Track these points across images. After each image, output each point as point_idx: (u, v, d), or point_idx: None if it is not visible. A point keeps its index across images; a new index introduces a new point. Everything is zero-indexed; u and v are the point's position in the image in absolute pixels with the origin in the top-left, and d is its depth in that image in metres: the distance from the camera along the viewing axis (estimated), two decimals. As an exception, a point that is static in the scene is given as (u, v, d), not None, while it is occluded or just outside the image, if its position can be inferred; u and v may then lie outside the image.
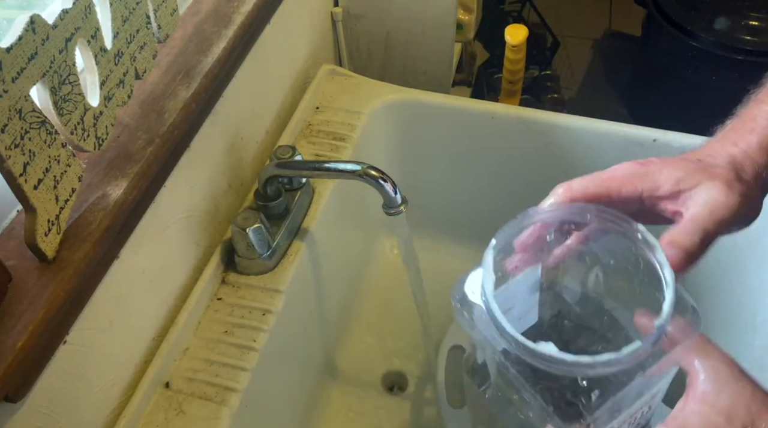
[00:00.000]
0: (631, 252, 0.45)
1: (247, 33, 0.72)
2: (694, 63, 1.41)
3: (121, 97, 0.56)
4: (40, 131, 0.46)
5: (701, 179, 0.46)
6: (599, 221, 0.46)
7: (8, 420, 0.47)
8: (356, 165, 0.67)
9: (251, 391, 0.65)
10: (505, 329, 0.40)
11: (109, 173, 0.55)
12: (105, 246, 0.53)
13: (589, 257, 0.48)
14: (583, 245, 0.48)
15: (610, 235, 0.46)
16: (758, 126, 0.48)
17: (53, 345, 0.50)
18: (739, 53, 1.34)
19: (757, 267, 0.80)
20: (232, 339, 0.67)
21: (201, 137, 0.67)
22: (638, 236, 0.44)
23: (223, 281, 0.73)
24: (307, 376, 0.85)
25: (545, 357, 0.38)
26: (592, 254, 0.48)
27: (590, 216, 0.46)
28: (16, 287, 0.48)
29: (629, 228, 0.44)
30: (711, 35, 1.36)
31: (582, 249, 0.48)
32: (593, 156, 0.90)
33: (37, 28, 0.44)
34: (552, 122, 0.89)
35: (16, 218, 0.52)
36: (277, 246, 0.73)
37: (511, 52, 1.21)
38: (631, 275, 0.46)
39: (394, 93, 0.93)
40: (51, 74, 0.46)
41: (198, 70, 0.64)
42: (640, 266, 0.45)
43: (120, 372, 0.61)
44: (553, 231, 0.48)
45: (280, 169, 0.71)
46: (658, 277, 0.42)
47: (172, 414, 0.62)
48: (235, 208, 0.78)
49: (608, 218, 0.45)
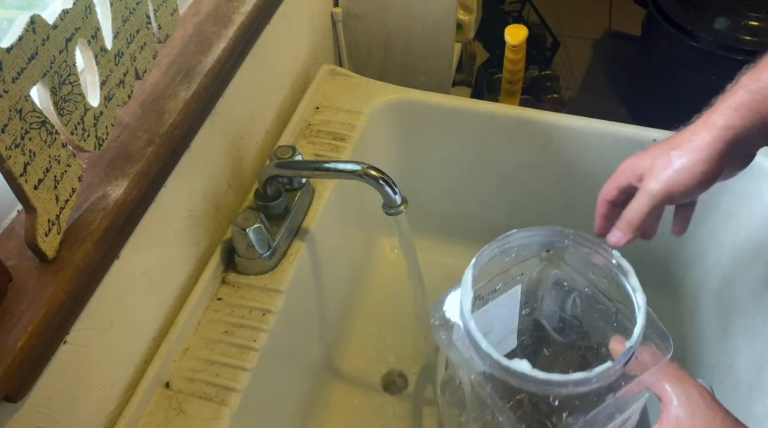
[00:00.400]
0: (606, 277, 0.46)
1: (247, 33, 0.72)
2: (694, 63, 1.41)
3: (121, 98, 0.56)
4: (40, 131, 0.46)
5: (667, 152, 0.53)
6: (576, 246, 0.46)
7: (8, 420, 0.47)
8: (356, 165, 0.67)
9: (251, 391, 0.65)
10: (480, 345, 0.40)
11: (109, 173, 0.55)
12: (105, 246, 0.53)
13: (567, 282, 0.49)
14: (561, 271, 0.49)
15: (587, 259, 0.47)
16: (734, 95, 0.52)
17: (53, 345, 0.50)
18: (739, 53, 1.34)
19: (757, 268, 0.80)
20: (232, 339, 0.67)
21: (201, 137, 0.67)
22: (613, 261, 0.45)
23: (223, 281, 0.73)
24: (307, 376, 0.85)
25: (518, 374, 0.39)
26: (571, 278, 0.49)
27: (567, 241, 0.47)
28: (17, 287, 0.48)
29: (604, 253, 0.45)
30: (711, 35, 1.36)
31: (560, 274, 0.49)
32: (593, 156, 0.90)
33: (38, 29, 0.44)
34: (552, 122, 0.89)
35: (17, 218, 0.52)
36: (277, 246, 0.73)
37: (511, 52, 1.21)
38: (606, 301, 0.47)
39: (394, 93, 0.93)
40: (51, 74, 0.46)
41: (198, 70, 0.64)
42: (615, 292, 0.46)
43: (120, 372, 0.61)
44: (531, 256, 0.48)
45: (280, 169, 0.71)
46: (632, 302, 0.43)
47: (172, 414, 0.62)
48: (235, 208, 0.78)
49: (584, 243, 0.46)
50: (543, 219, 0.97)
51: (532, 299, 0.50)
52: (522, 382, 0.39)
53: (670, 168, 0.52)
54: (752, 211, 0.83)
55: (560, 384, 0.39)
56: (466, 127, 0.93)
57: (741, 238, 0.85)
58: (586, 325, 0.50)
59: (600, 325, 0.49)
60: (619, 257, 0.44)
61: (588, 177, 0.92)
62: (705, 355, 0.85)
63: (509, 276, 0.48)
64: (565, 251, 0.48)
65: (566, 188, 0.95)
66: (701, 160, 0.51)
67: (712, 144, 0.51)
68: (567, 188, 0.95)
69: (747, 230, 0.84)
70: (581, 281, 0.48)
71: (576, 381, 0.39)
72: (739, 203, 0.85)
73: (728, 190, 0.86)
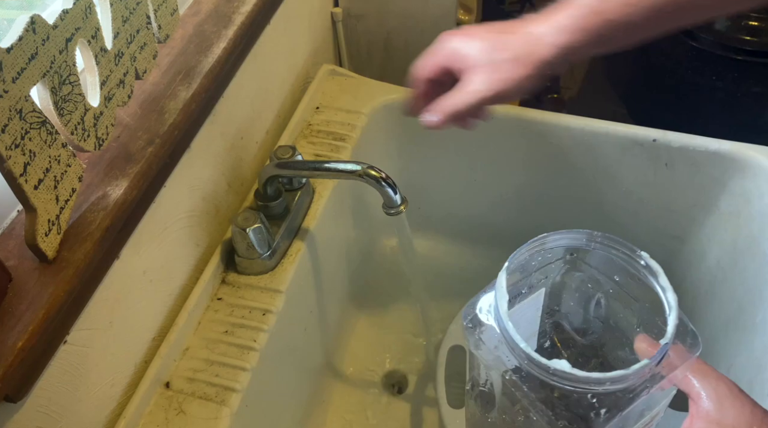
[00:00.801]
0: (632, 278, 0.46)
1: (247, 33, 0.72)
2: (694, 63, 1.41)
3: (121, 98, 0.56)
4: (40, 131, 0.46)
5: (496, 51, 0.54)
6: (603, 248, 0.47)
7: (8, 420, 0.47)
8: (356, 165, 0.67)
9: (251, 391, 0.65)
10: (519, 345, 0.41)
11: (109, 173, 0.55)
12: (105, 246, 0.53)
13: (591, 284, 0.50)
14: (584, 273, 0.49)
15: (613, 261, 0.47)
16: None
17: (53, 345, 0.50)
18: (739, 53, 1.33)
19: (757, 268, 0.80)
20: (232, 339, 0.67)
21: (201, 137, 0.67)
22: (641, 263, 0.45)
23: (223, 281, 0.73)
24: (307, 376, 0.85)
25: (558, 372, 0.40)
26: (595, 280, 0.49)
27: (594, 243, 0.47)
28: (17, 287, 0.48)
29: (632, 255, 0.46)
30: (711, 35, 1.36)
31: (583, 277, 0.50)
32: (593, 156, 0.90)
33: (38, 29, 0.44)
34: (552, 122, 0.89)
35: (17, 218, 0.52)
36: (277, 246, 0.73)
37: (511, 52, 1.21)
38: (632, 302, 0.47)
39: (394, 93, 0.93)
40: (51, 74, 0.46)
41: (198, 70, 0.64)
42: (641, 292, 0.46)
43: (120, 372, 0.61)
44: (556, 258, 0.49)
45: (280, 169, 0.71)
46: (659, 302, 0.44)
47: (172, 414, 0.62)
48: (235, 208, 0.78)
49: (612, 245, 0.47)
50: (543, 219, 0.97)
51: (554, 302, 0.51)
52: (562, 381, 0.40)
53: (499, 74, 0.53)
54: (752, 211, 0.83)
55: (599, 381, 0.40)
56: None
57: (741, 238, 0.85)
58: (608, 326, 0.50)
59: (623, 326, 0.49)
60: (648, 258, 0.45)
61: (588, 177, 0.92)
62: (705, 355, 0.85)
63: (534, 279, 0.49)
64: (589, 253, 0.49)
65: (566, 187, 0.95)
66: (531, 75, 0.53)
67: (545, 61, 0.52)
68: (567, 188, 0.95)
69: (747, 230, 0.84)
70: (605, 282, 0.49)
71: (615, 378, 0.40)
72: (739, 203, 0.85)
73: (728, 190, 0.86)
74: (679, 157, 0.86)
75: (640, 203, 0.92)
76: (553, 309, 0.52)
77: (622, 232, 0.48)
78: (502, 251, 0.48)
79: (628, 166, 0.89)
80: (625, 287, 0.48)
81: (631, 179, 0.90)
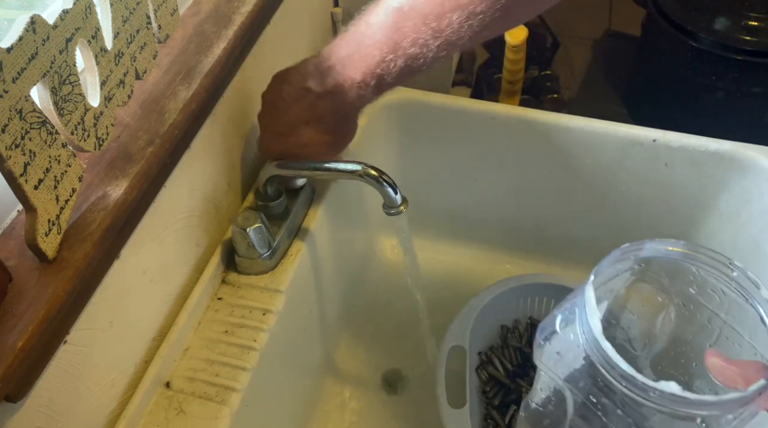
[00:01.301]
0: (714, 290, 0.44)
1: (247, 33, 0.72)
2: (694, 63, 1.41)
3: (121, 98, 0.56)
4: (40, 131, 0.46)
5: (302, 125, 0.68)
6: (690, 259, 0.45)
7: (8, 420, 0.47)
8: (356, 165, 0.67)
9: (251, 391, 0.65)
10: (620, 366, 0.38)
11: (109, 173, 0.55)
12: (105, 246, 0.53)
13: (662, 297, 0.47)
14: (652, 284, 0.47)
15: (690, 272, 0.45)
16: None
17: (53, 345, 0.50)
18: (739, 53, 1.33)
19: (757, 268, 0.80)
20: (232, 339, 0.67)
21: (201, 137, 0.67)
22: (733, 274, 0.43)
23: (223, 281, 0.73)
24: (307, 376, 0.85)
25: (666, 395, 0.37)
26: (668, 292, 0.47)
27: (682, 255, 0.45)
28: (17, 287, 0.48)
29: (724, 267, 0.43)
30: (711, 35, 1.36)
31: (651, 288, 0.47)
32: (593, 156, 0.90)
33: (38, 29, 0.44)
34: (552, 122, 0.89)
35: (17, 218, 0.52)
36: (278, 246, 0.73)
37: (511, 53, 1.21)
38: (711, 315, 0.45)
39: (394, 93, 0.92)
40: (51, 74, 0.46)
41: (198, 70, 0.64)
42: (724, 305, 0.44)
43: (120, 372, 0.61)
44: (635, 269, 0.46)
45: (280, 169, 0.71)
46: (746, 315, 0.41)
47: (172, 413, 0.62)
48: (235, 208, 0.78)
49: (701, 258, 0.44)
50: (543, 219, 0.97)
51: (612, 315, 0.48)
52: (672, 405, 0.37)
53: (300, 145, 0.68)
54: (752, 211, 0.83)
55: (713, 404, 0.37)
56: (466, 127, 0.93)
57: (741, 238, 0.85)
58: (675, 340, 0.48)
59: (693, 339, 0.47)
60: (744, 270, 0.43)
61: (588, 177, 0.92)
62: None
63: (600, 293, 0.45)
64: (660, 263, 0.46)
65: (566, 187, 0.95)
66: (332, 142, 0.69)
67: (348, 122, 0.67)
68: (567, 188, 0.95)
69: (747, 230, 0.84)
70: (676, 294, 0.46)
71: (729, 401, 0.37)
72: (739, 203, 0.85)
73: (728, 190, 0.86)
74: (679, 157, 0.86)
75: (639, 203, 0.92)
76: (609, 323, 0.49)
77: (621, 232, 0.47)
78: (503, 252, 0.48)
79: (628, 166, 0.89)
80: (702, 299, 0.45)
81: (631, 179, 0.90)
